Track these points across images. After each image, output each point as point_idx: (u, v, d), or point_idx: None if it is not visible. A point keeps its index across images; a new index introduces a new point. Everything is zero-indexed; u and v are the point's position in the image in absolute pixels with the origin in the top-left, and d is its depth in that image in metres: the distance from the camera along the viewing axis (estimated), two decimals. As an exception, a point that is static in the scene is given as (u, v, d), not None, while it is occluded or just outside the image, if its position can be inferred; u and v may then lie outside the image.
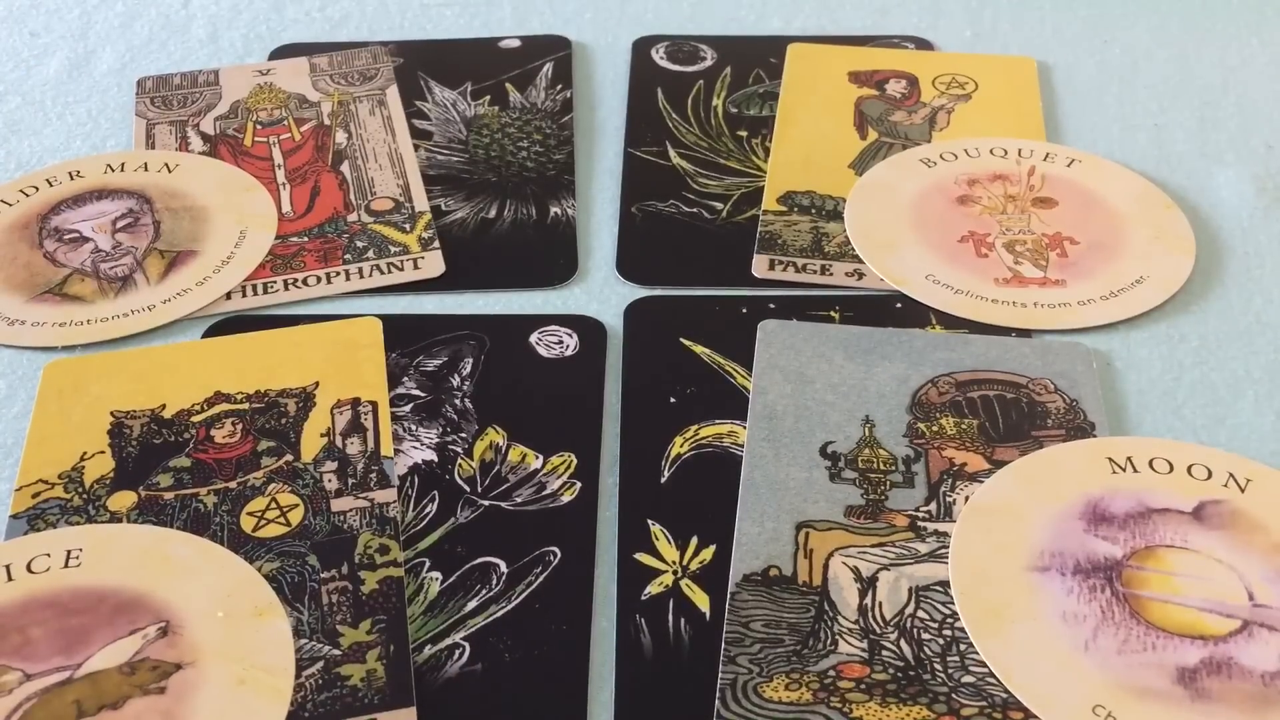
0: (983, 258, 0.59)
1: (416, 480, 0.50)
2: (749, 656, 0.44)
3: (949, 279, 0.58)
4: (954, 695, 0.43)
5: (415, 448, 0.51)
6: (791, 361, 0.53)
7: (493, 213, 0.62)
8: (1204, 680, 0.43)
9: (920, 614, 0.45)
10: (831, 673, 0.43)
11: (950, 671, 0.44)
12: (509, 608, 0.46)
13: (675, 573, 0.47)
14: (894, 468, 0.50)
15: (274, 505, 0.49)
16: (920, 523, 0.48)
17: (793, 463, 0.50)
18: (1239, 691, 0.43)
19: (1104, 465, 0.49)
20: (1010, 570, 0.46)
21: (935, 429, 0.51)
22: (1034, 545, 0.47)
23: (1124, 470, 0.49)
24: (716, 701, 0.43)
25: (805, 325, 0.55)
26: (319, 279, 0.58)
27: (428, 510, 0.49)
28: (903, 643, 0.44)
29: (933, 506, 0.49)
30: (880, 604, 0.45)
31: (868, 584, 0.46)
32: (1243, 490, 0.49)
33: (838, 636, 0.45)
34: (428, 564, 0.47)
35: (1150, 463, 0.50)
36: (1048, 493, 0.49)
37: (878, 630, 0.45)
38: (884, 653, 0.44)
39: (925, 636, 0.45)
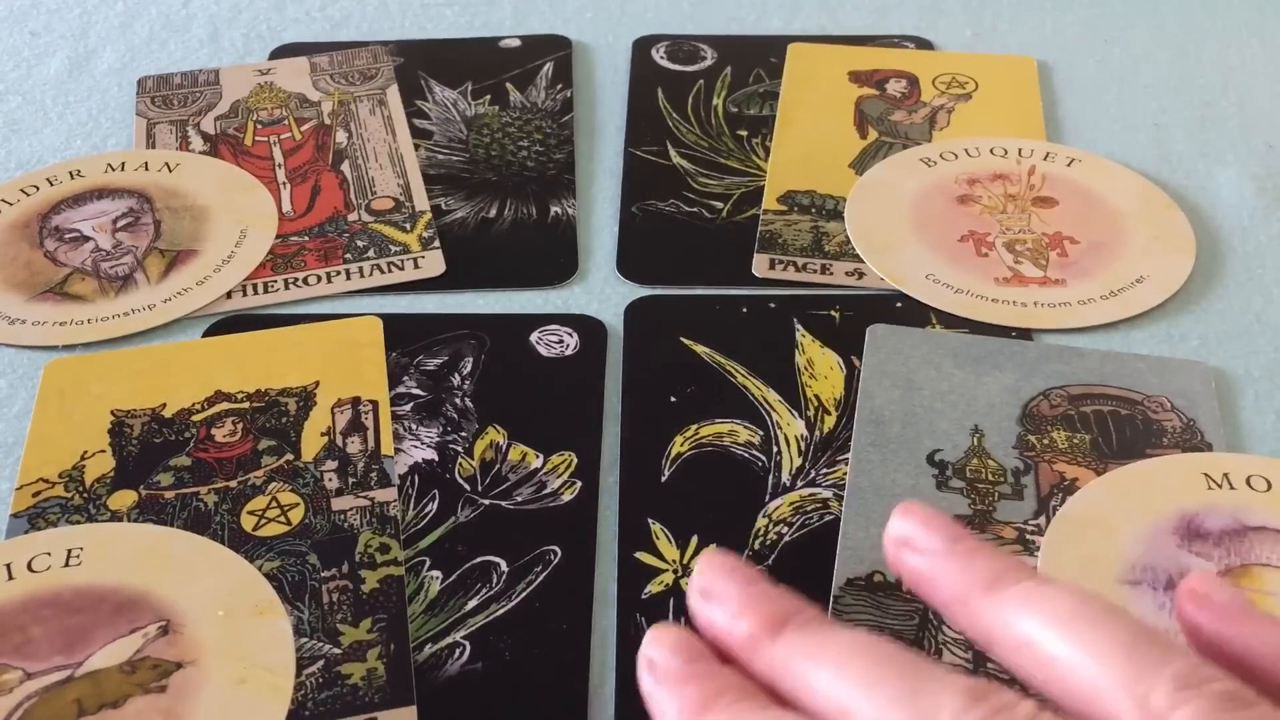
0: (983, 257, 0.59)
1: (417, 479, 0.50)
2: None
3: (949, 278, 0.58)
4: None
5: (416, 447, 0.51)
6: (899, 367, 0.53)
7: (493, 212, 0.62)
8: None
9: None
10: None
11: None
12: (509, 606, 0.46)
13: (676, 571, 0.47)
14: (1003, 479, 0.49)
15: (274, 504, 0.49)
16: (1029, 536, 0.47)
17: (899, 469, 0.49)
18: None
19: (1199, 480, 0.48)
20: (1101, 582, 0.45)
21: (1046, 442, 0.50)
22: (1125, 558, 0.46)
23: (1220, 486, 0.48)
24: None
25: (914, 331, 0.55)
26: (319, 278, 0.58)
27: (428, 509, 0.49)
28: None
29: (1042, 520, 0.47)
30: None
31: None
32: None
33: (942, 646, 0.44)
34: (428, 563, 0.47)
35: (1248, 480, 0.48)
36: (1141, 506, 0.47)
37: None
38: (988, 664, 0.43)
39: None
